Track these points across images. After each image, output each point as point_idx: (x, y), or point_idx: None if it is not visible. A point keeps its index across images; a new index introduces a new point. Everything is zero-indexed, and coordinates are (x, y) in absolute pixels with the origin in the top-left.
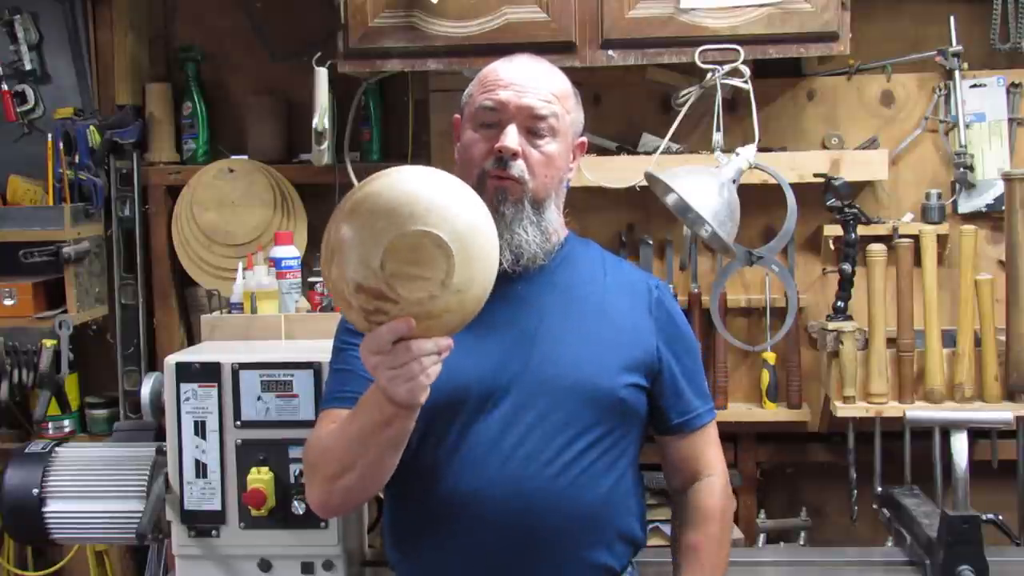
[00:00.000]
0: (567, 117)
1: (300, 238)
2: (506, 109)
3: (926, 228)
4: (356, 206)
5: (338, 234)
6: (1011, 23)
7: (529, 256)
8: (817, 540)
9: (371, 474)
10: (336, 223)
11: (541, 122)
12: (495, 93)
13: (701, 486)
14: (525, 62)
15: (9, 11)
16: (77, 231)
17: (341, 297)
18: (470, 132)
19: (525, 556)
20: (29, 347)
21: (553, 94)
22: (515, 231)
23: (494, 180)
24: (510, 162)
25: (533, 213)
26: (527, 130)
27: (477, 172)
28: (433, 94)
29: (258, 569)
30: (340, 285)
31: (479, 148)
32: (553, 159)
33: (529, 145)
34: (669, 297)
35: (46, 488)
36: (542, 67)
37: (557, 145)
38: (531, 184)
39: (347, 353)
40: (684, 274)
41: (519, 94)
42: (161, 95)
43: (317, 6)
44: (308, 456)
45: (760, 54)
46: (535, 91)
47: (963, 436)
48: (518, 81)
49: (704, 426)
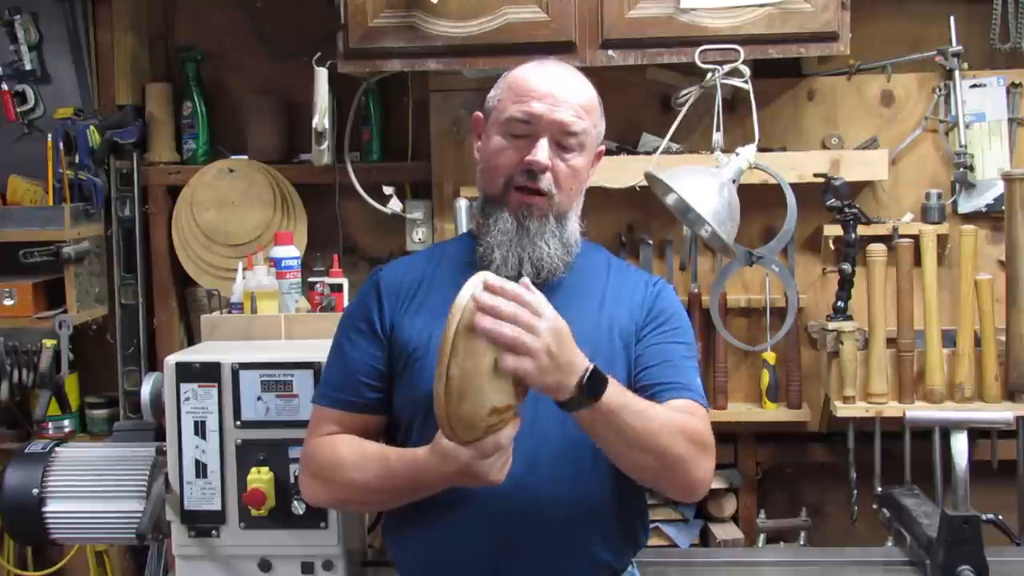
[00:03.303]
0: (594, 131)
1: (300, 238)
2: (539, 122)
3: (926, 228)
4: (469, 342)
5: (462, 371)
6: (1011, 23)
7: (550, 269)
8: (817, 540)
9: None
10: (457, 357)
11: (572, 138)
12: (529, 105)
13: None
14: (557, 72)
15: (9, 11)
16: (77, 231)
17: (482, 423)
18: (498, 138)
19: (525, 551)
20: (29, 347)
21: (583, 108)
22: (538, 244)
23: (520, 193)
24: (539, 175)
25: (556, 227)
26: (557, 143)
27: (503, 180)
28: (433, 94)
29: (258, 569)
30: (481, 414)
31: (508, 156)
32: (579, 172)
33: (557, 158)
34: (668, 292)
35: (46, 488)
36: (573, 78)
37: (583, 159)
38: (557, 198)
39: (351, 352)
40: (684, 274)
41: (552, 108)
42: (161, 95)
43: (317, 6)
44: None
45: (760, 54)
46: (567, 105)
47: (963, 436)
48: (552, 93)
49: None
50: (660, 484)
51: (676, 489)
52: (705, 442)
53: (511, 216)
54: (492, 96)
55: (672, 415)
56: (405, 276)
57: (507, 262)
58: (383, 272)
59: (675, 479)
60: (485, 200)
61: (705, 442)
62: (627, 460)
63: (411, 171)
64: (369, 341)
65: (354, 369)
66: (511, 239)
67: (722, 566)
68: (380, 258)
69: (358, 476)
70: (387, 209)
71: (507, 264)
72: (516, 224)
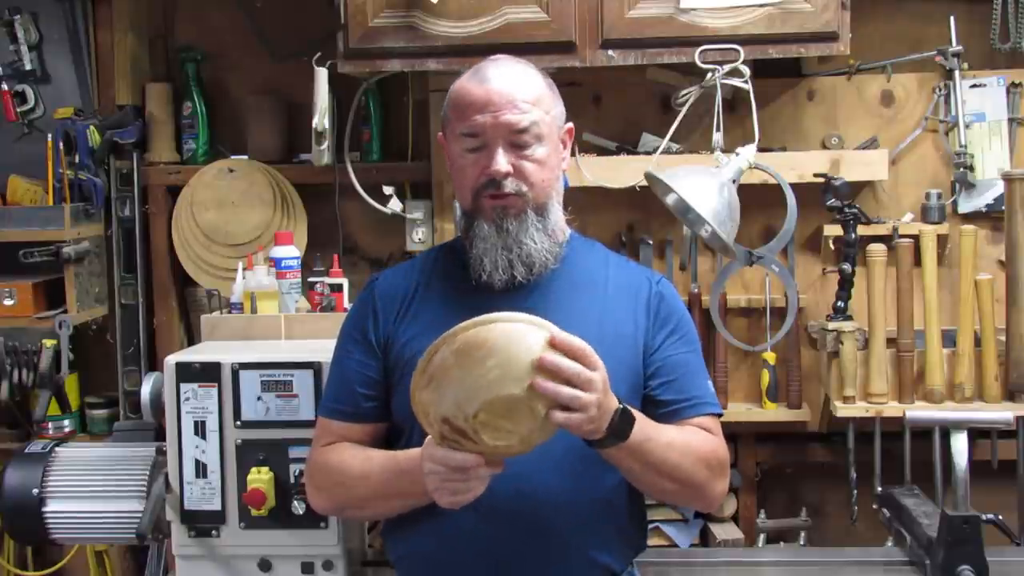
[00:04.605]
0: (547, 117)
1: (300, 238)
2: (486, 132)
3: (926, 228)
4: (470, 347)
5: (443, 364)
6: (1011, 23)
7: (541, 263)
8: (817, 540)
9: (383, 516)
10: (446, 350)
11: (524, 134)
12: (472, 119)
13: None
14: (493, 73)
15: (9, 11)
16: (77, 231)
17: (424, 415)
18: (457, 154)
19: (526, 553)
20: (29, 347)
21: (528, 102)
22: (523, 242)
23: (492, 200)
24: (503, 182)
25: (537, 220)
26: (512, 144)
27: (471, 195)
28: (433, 94)
29: (258, 569)
30: (427, 409)
31: (469, 172)
32: (545, 162)
33: (518, 158)
34: (670, 291)
35: (46, 488)
36: (512, 74)
37: (545, 148)
38: (530, 194)
39: (346, 363)
40: (684, 274)
41: (495, 115)
42: (161, 95)
43: (317, 6)
44: (317, 473)
45: (760, 54)
46: (509, 105)
47: (963, 436)
48: (490, 99)
49: (703, 416)
50: (678, 503)
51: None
52: (722, 461)
53: (488, 223)
54: (443, 112)
55: (692, 442)
56: (399, 285)
57: (497, 266)
58: (378, 282)
59: (693, 500)
60: (463, 213)
61: (722, 461)
62: (648, 485)
63: (411, 171)
64: (364, 352)
65: (351, 380)
66: (494, 244)
67: (722, 566)
68: (380, 258)
69: (357, 481)
70: (387, 209)
71: (498, 268)
72: (496, 228)
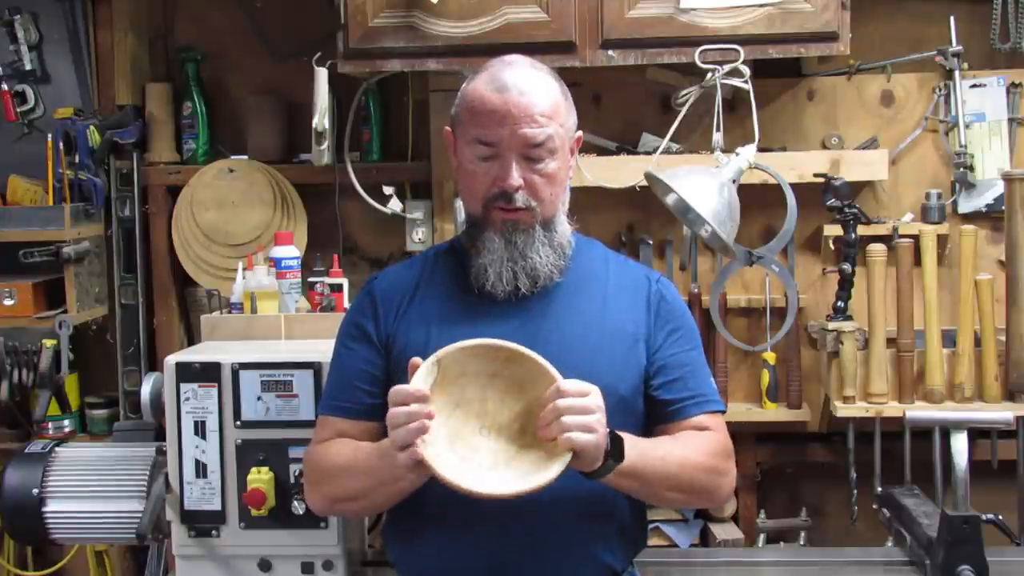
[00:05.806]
0: (562, 130)
1: (300, 238)
2: (502, 144)
3: (926, 228)
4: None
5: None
6: (1011, 23)
7: (546, 277)
8: (817, 540)
9: (375, 507)
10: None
11: (539, 148)
12: (489, 129)
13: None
14: (512, 81)
15: (9, 11)
16: (77, 231)
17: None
18: (468, 160)
19: (526, 552)
20: (29, 347)
21: (545, 115)
22: (529, 256)
23: (502, 212)
24: (514, 196)
25: (544, 235)
26: (525, 157)
27: (481, 204)
28: (433, 94)
29: (258, 569)
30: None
31: (480, 180)
32: (555, 176)
33: (530, 172)
34: (670, 289)
35: (46, 488)
36: (532, 83)
37: (557, 162)
38: (539, 208)
39: (346, 360)
40: (684, 274)
41: (513, 128)
42: (161, 95)
43: (317, 6)
44: (312, 469)
45: (760, 54)
46: (527, 118)
47: (963, 436)
48: (509, 110)
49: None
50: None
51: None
52: (725, 463)
53: (496, 235)
54: (455, 111)
55: (689, 448)
56: (399, 284)
57: (502, 278)
58: (377, 280)
59: (699, 503)
60: (469, 220)
61: (725, 463)
62: (652, 498)
63: (411, 171)
64: (365, 348)
65: (351, 376)
66: (501, 256)
67: (722, 566)
68: (380, 258)
69: (345, 472)
70: (387, 209)
71: (502, 280)
72: (503, 241)
